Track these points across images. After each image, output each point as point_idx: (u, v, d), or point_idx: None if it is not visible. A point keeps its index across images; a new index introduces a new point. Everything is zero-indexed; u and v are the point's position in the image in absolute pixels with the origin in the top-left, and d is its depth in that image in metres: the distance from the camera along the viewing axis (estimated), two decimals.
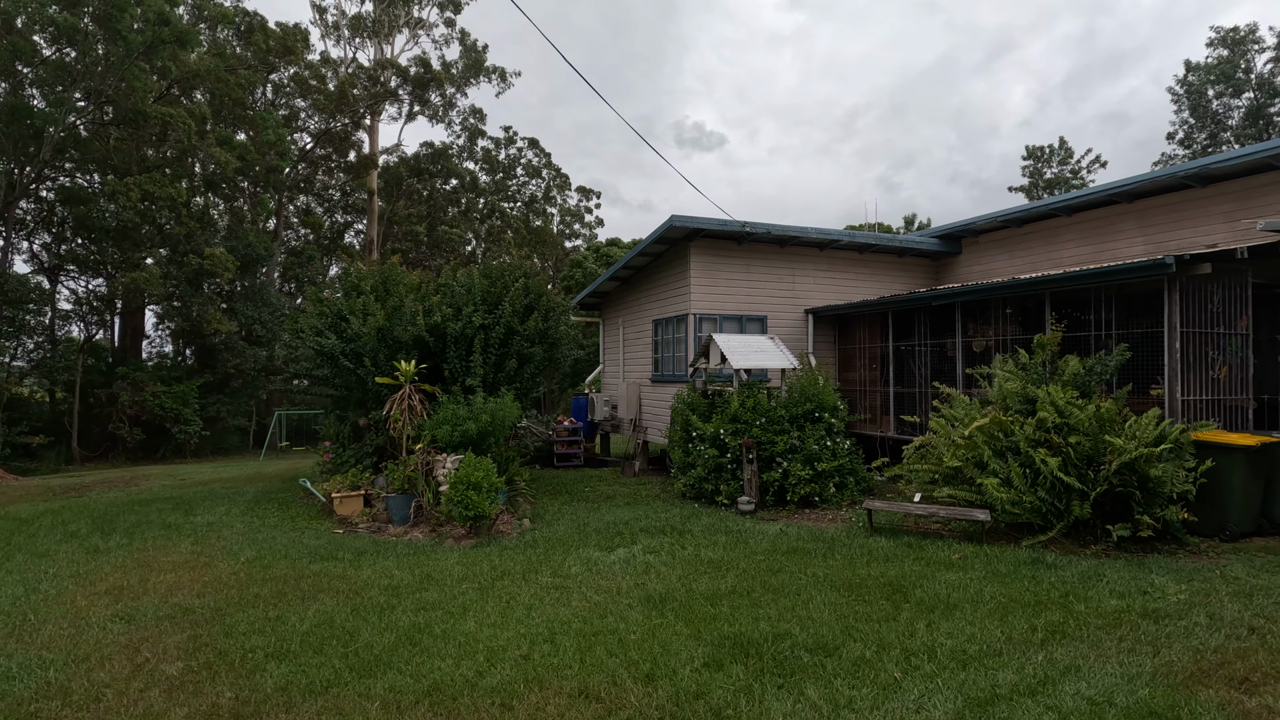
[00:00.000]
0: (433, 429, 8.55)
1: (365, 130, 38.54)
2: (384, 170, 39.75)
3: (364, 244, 40.63)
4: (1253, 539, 7.14)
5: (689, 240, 11.95)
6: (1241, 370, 8.15)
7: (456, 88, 40.73)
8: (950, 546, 7.03)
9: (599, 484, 11.98)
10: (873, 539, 7.35)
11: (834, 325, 13.08)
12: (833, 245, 12.87)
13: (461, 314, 9.22)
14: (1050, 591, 5.50)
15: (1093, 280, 8.17)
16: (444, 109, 41.10)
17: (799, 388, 9.63)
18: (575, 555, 6.88)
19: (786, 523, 8.34)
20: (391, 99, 35.64)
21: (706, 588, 5.69)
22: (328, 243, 41.34)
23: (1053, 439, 6.95)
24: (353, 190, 39.43)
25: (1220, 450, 6.98)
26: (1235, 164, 8.83)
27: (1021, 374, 7.81)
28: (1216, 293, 7.98)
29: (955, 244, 13.52)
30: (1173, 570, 6.06)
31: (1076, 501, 6.81)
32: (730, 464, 9.31)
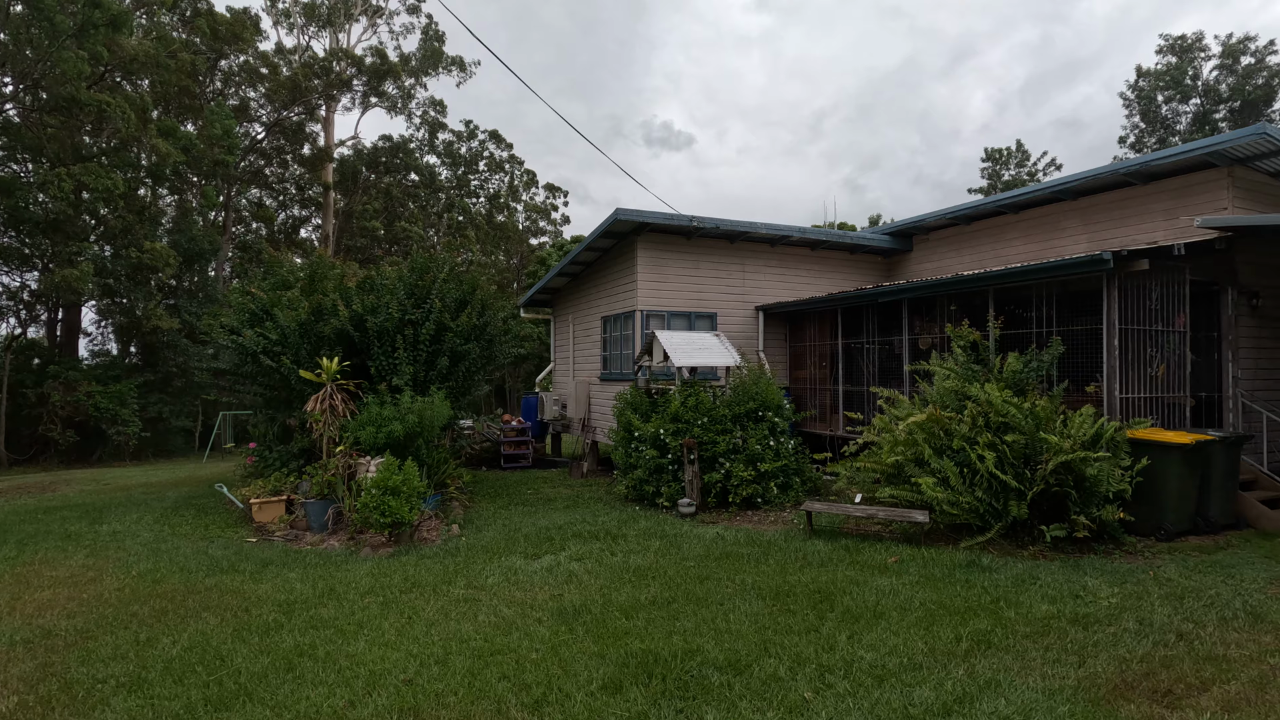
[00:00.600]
0: (355, 430, 8.07)
1: (320, 122, 37.50)
2: (341, 163, 38.67)
3: (320, 239, 39.53)
4: (1188, 538, 7.08)
5: (636, 234, 11.63)
6: (1179, 368, 8.12)
7: (415, 78, 39.84)
8: (889, 549, 6.83)
9: (543, 486, 11.59)
10: (810, 542, 7.11)
11: (785, 323, 12.89)
12: (784, 241, 12.66)
13: (383, 308, 8.74)
14: (982, 597, 5.30)
15: (1034, 276, 8.06)
16: (403, 100, 40.17)
17: (743, 386, 9.38)
18: (497, 564, 6.50)
19: (726, 526, 8.07)
20: (346, 90, 34.64)
21: (626, 598, 5.36)
22: (282, 237, 40.09)
23: (989, 437, 6.79)
24: (309, 184, 38.32)
25: (1156, 449, 6.89)
26: (1175, 160, 8.82)
27: (959, 371, 7.65)
28: (1155, 290, 7.92)
29: (907, 241, 13.43)
30: (1107, 572, 5.92)
31: (1014, 501, 6.66)
32: (671, 465, 9.01)
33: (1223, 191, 8.77)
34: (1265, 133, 7.91)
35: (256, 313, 9.41)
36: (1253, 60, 32.55)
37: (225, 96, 33.18)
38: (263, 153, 36.76)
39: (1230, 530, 7.38)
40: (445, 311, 9.21)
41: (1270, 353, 8.90)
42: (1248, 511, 7.55)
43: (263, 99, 33.86)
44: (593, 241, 12.25)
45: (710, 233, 11.88)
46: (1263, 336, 8.84)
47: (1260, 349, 8.80)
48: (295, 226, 41.30)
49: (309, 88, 32.47)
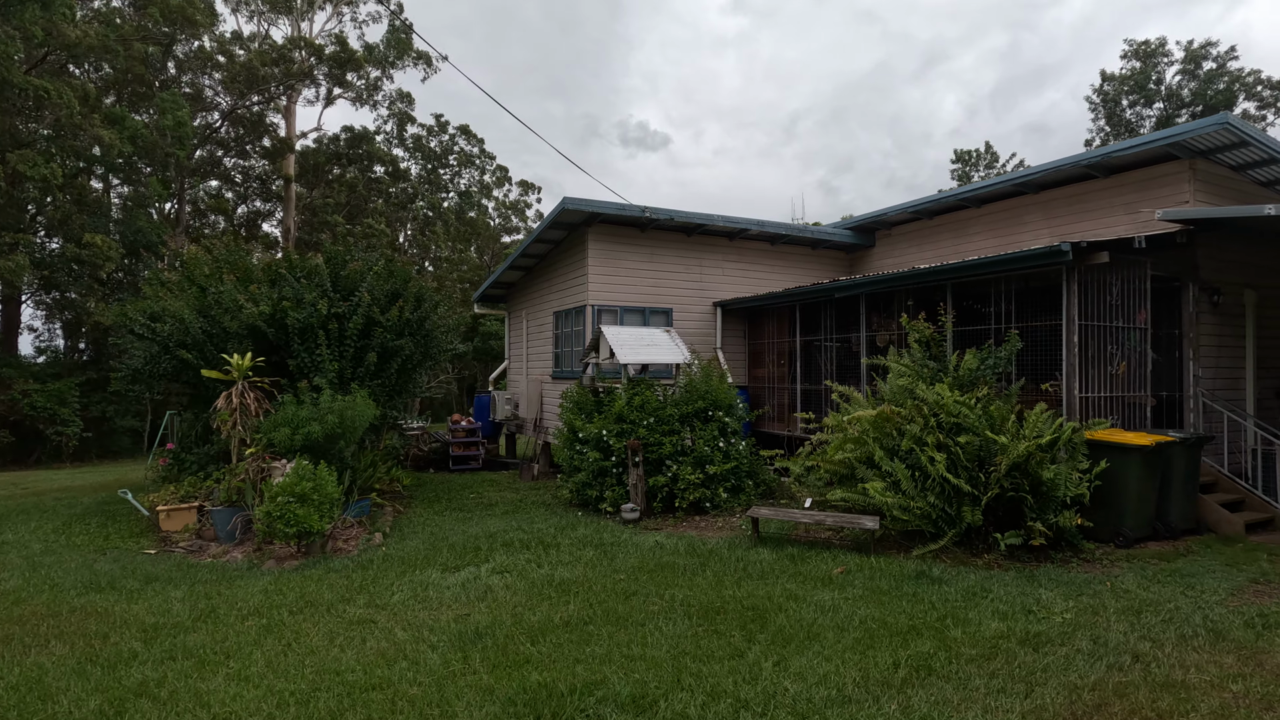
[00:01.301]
0: (269, 432, 7.43)
1: (281, 113, 36.32)
2: (303, 156, 37.50)
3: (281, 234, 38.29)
4: (1148, 544, 6.76)
5: (587, 226, 11.10)
6: (1140, 366, 7.82)
7: (382, 70, 38.82)
8: (836, 558, 6.39)
9: (489, 489, 11.01)
10: (755, 551, 6.65)
11: (744, 320, 12.45)
12: (743, 235, 12.23)
13: (304, 301, 8.08)
14: (928, 613, 4.87)
15: (992, 270, 7.70)
16: (368, 92, 39.11)
17: (692, 385, 8.90)
18: (410, 578, 5.93)
19: (670, 533, 7.58)
20: (307, 80, 33.55)
21: (539, 619, 4.84)
22: (243, 231, 38.79)
23: (940, 438, 6.39)
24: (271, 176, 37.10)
25: (1115, 451, 6.55)
26: (1137, 152, 8.53)
27: (913, 368, 7.25)
28: (1115, 284, 7.61)
29: (869, 236, 13.08)
30: (1063, 583, 5.54)
31: (968, 507, 6.26)
32: (615, 468, 8.50)
33: (1184, 185, 8.50)
34: (1227, 123, 7.64)
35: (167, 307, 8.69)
36: (1214, 65, 33.02)
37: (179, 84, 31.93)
38: (221, 143, 35.52)
39: (1190, 535, 7.09)
40: (375, 305, 8.58)
41: (1231, 351, 8.67)
42: (1208, 515, 7.26)
43: (219, 87, 32.65)
44: (543, 233, 11.70)
45: (665, 225, 11.40)
46: (1224, 334, 8.59)
47: (1221, 347, 8.55)
48: (255, 220, 40.04)
49: (266, 75, 31.36)
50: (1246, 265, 8.83)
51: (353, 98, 39.14)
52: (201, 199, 36.72)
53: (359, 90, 38.63)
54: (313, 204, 37.61)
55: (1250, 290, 8.80)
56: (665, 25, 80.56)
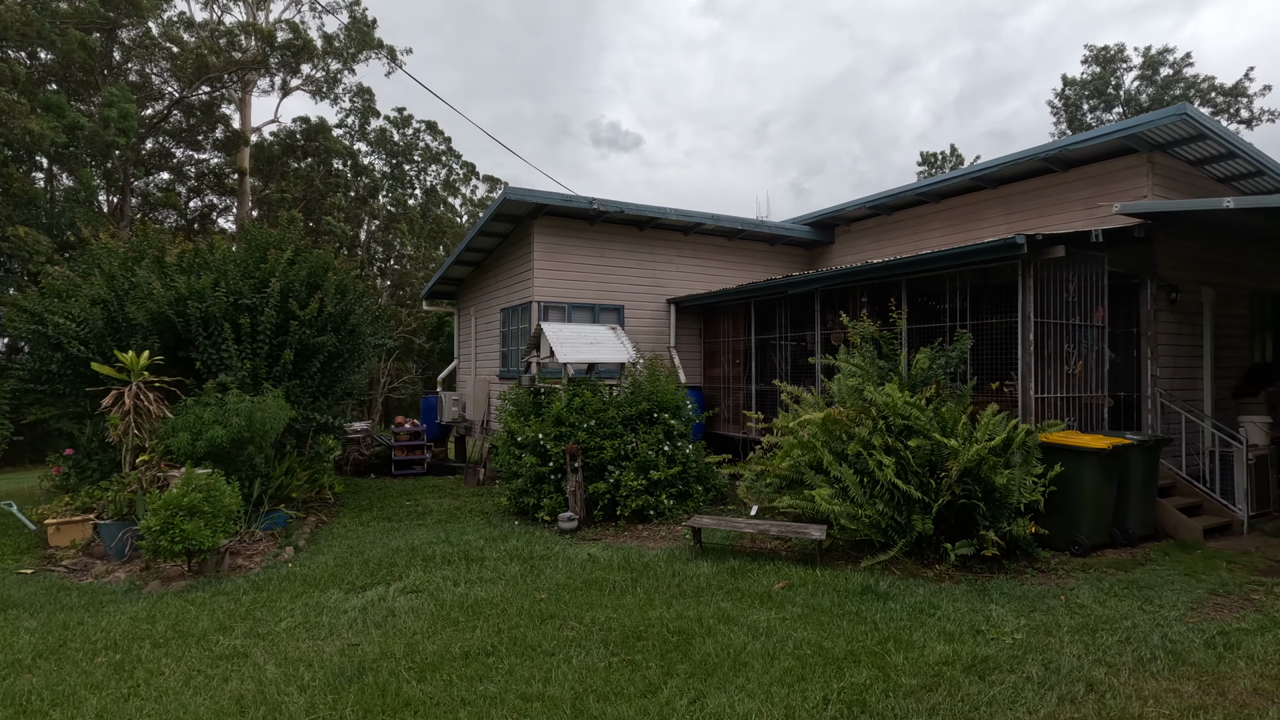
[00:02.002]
0: (167, 436, 6.75)
1: (235, 103, 35.02)
2: (260, 148, 36.21)
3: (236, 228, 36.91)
4: (1105, 552, 6.45)
5: (533, 218, 10.55)
6: (1097, 365, 7.54)
7: (343, 63, 37.69)
8: (780, 571, 5.95)
9: (428, 496, 10.39)
10: (694, 564, 6.18)
11: (699, 317, 12.01)
12: (697, 229, 11.79)
13: (206, 292, 7.39)
14: (870, 636, 4.43)
15: (946, 264, 7.34)
16: (328, 85, 37.93)
17: (638, 385, 8.41)
18: (307, 600, 5.33)
19: (608, 544, 7.08)
20: (259, 69, 32.33)
21: (437, 649, 4.29)
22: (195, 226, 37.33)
23: (889, 440, 5.99)
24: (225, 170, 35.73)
25: (1071, 454, 6.22)
26: (1095, 145, 8.27)
27: (863, 368, 6.85)
28: (1072, 280, 7.31)
29: (828, 232, 12.74)
30: (1015, 597, 5.17)
31: (918, 515, 5.87)
32: (553, 474, 7.97)
33: (1143, 179, 8.27)
34: (1185, 114, 7.39)
35: (59, 298, 7.94)
36: (1170, 71, 33.66)
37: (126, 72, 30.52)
38: (172, 134, 34.10)
39: (1149, 542, 6.80)
40: (292, 298, 7.92)
41: (1189, 350, 8.46)
42: (1166, 521, 6.99)
43: (166, 75, 31.29)
44: (488, 226, 11.12)
45: (616, 218, 10.90)
46: (1181, 333, 8.38)
47: (1179, 346, 8.33)
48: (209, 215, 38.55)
49: (216, 64, 30.12)
50: (1204, 262, 8.64)
51: (312, 91, 37.93)
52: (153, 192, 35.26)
53: (318, 83, 37.48)
54: (268, 198, 36.35)
55: (1208, 288, 8.60)
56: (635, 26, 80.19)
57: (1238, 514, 7.23)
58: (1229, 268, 8.97)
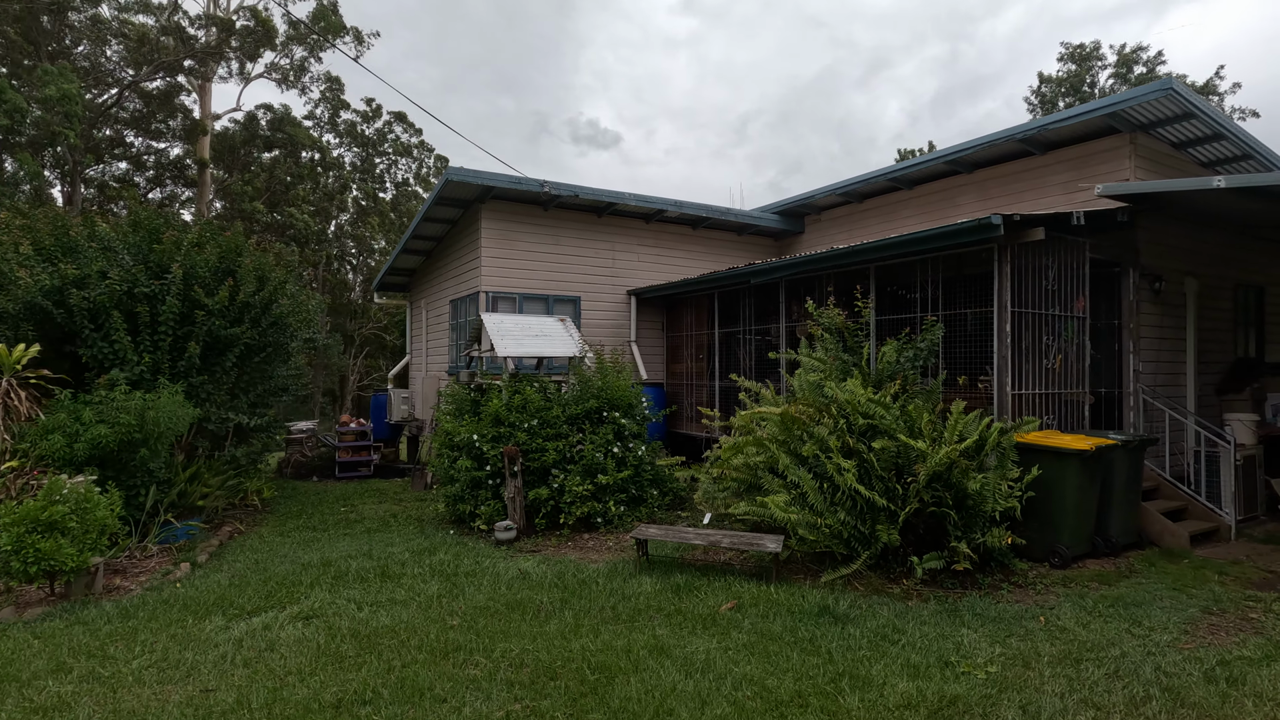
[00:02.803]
0: (37, 438, 5.95)
1: (196, 90, 33.69)
2: (222, 138, 34.87)
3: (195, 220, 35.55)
4: (1086, 562, 5.90)
5: (480, 202, 9.82)
6: (1078, 359, 7.01)
7: (309, 50, 36.46)
8: (731, 587, 5.32)
9: (367, 501, 9.63)
10: (636, 580, 5.52)
11: (662, 310, 11.36)
12: (659, 217, 11.13)
13: (92, 279, 6.56)
14: (823, 670, 3.81)
15: (917, 249, 6.76)
16: (295, 73, 36.68)
17: (586, 381, 7.74)
18: (178, 631, 4.59)
19: (547, 556, 6.40)
20: (218, 57, 31.06)
21: (306, 695, 3.59)
22: None
23: (850, 441, 5.38)
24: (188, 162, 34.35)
25: (1050, 456, 5.66)
26: (1075, 124, 7.75)
27: (826, 362, 6.24)
28: (1052, 267, 6.76)
29: (798, 222, 12.16)
30: (990, 619, 4.58)
31: (883, 525, 5.27)
32: (490, 479, 7.27)
33: (1125, 161, 7.76)
34: (1172, 89, 6.88)
35: None
36: (1144, 69, 33.64)
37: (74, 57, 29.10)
38: (129, 121, 32.69)
39: (1132, 550, 6.28)
40: (198, 285, 7.11)
41: (1173, 343, 7.97)
42: (1150, 527, 6.48)
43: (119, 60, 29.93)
44: (434, 211, 10.37)
45: (570, 203, 10.21)
46: (1165, 325, 7.89)
47: (1163, 339, 7.85)
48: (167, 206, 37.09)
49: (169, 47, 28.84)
50: (1188, 251, 8.17)
51: (278, 79, 36.69)
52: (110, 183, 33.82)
53: (284, 70, 36.24)
54: (230, 189, 35.04)
55: (1192, 278, 8.13)
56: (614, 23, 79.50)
57: (1225, 519, 6.74)
58: (1213, 258, 8.52)
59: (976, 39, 59.91)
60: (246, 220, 32.69)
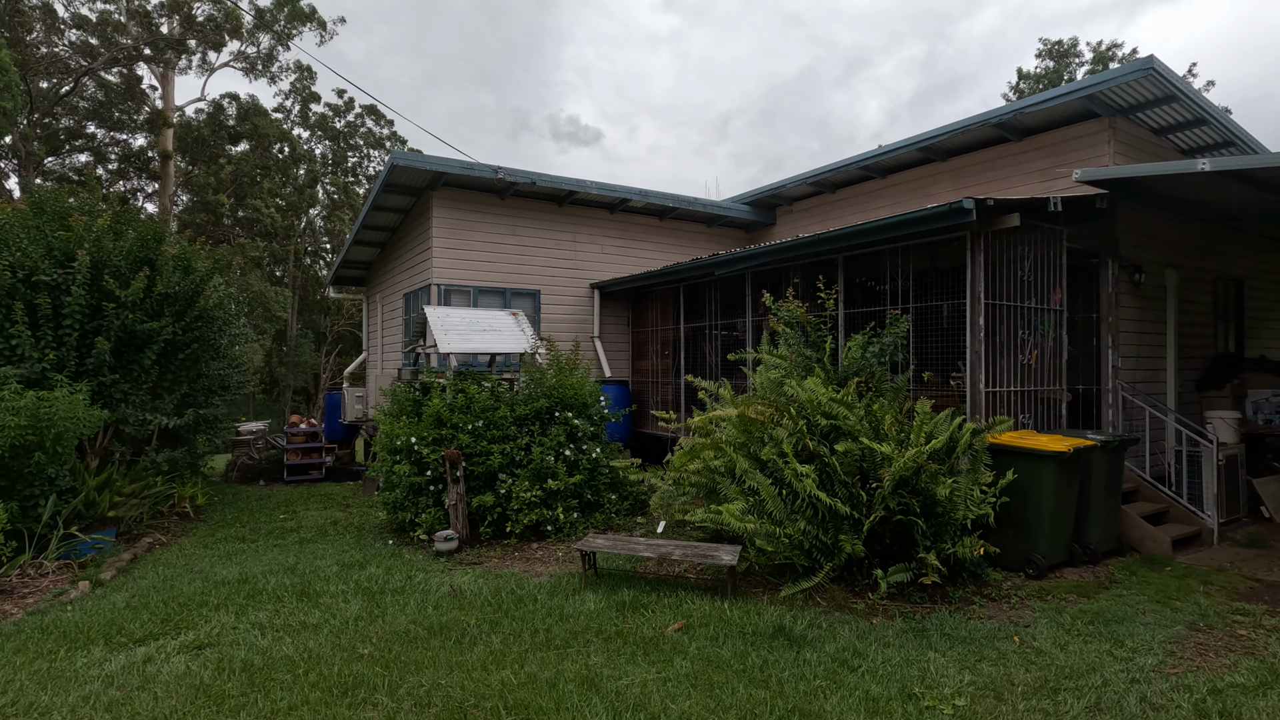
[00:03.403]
0: None
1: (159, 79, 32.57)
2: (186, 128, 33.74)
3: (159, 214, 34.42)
4: (1063, 572, 5.52)
5: (432, 189, 9.26)
6: (1055, 355, 6.64)
7: (276, 38, 35.42)
8: (682, 604, 4.86)
9: (312, 507, 9.07)
10: (580, 597, 5.05)
11: (627, 304, 10.88)
12: (624, 207, 10.64)
13: None
14: (772, 706, 3.36)
15: (887, 237, 6.33)
16: (263, 62, 35.63)
17: (538, 379, 7.24)
18: (46, 665, 4.04)
19: (489, 569, 5.90)
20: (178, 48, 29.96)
21: None
22: None
23: (813, 445, 4.94)
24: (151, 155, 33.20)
25: (1026, 458, 5.26)
26: (1052, 107, 7.39)
27: (789, 359, 5.81)
28: (1028, 257, 6.37)
29: (769, 213, 11.74)
30: (959, 639, 4.16)
31: (846, 535, 4.84)
32: (432, 484, 6.75)
33: (1104, 146, 7.41)
34: (1152, 69, 6.52)
35: None
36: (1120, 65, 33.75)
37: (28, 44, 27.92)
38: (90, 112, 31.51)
39: (1112, 557, 5.92)
40: (110, 274, 6.50)
41: (1153, 338, 7.65)
42: (1130, 532, 6.12)
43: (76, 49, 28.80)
44: (383, 200, 9.79)
45: (529, 192, 9.69)
46: (1144, 319, 7.56)
47: (1142, 333, 7.51)
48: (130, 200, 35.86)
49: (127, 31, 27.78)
50: (1168, 242, 7.84)
51: (245, 68, 35.66)
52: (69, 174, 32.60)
53: (251, 59, 35.21)
54: (194, 182, 33.96)
55: (1172, 270, 7.81)
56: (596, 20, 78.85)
57: (1207, 522, 6.41)
58: (1194, 249, 8.21)
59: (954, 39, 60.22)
60: (211, 214, 31.71)
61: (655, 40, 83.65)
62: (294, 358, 37.14)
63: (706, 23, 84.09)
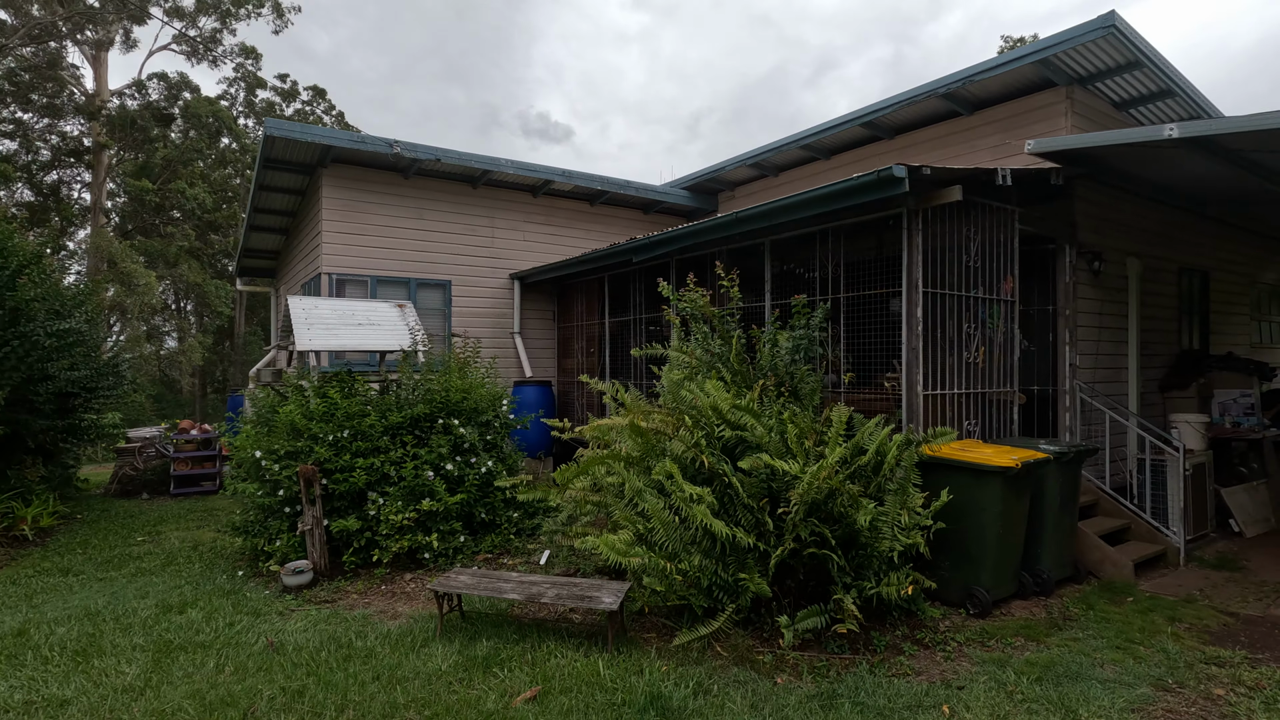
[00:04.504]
0: None
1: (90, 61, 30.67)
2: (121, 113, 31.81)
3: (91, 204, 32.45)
4: (1011, 606, 4.72)
5: (322, 167, 8.19)
6: (1005, 352, 5.85)
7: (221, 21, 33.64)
8: (549, 660, 3.94)
9: (183, 527, 7.95)
10: (426, 650, 4.10)
11: (552, 297, 9.92)
12: (548, 190, 9.67)
13: None
14: None
15: (813, 214, 5.46)
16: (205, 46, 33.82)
17: (419, 381, 6.26)
18: None
19: (340, 610, 4.91)
20: (94, 23, 28.11)
21: None
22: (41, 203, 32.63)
23: (711, 461, 4.05)
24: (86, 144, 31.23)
25: (967, 474, 4.44)
26: (1004, 74, 6.61)
27: (701, 357, 4.91)
28: (975, 239, 5.56)
29: (711, 199, 10.87)
30: (875, 711, 3.30)
31: (746, 573, 3.96)
32: (285, 506, 5.73)
33: (1061, 119, 6.65)
34: (1114, 27, 5.75)
35: None
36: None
37: None
38: (12, 94, 29.48)
39: (1068, 585, 5.14)
40: None
41: (1113, 333, 6.92)
42: (1088, 555, 5.35)
43: None
44: (270, 179, 8.70)
45: (436, 170, 8.67)
46: (1105, 313, 6.83)
47: (1102, 328, 6.78)
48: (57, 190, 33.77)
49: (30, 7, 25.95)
50: (1131, 228, 7.13)
51: (187, 51, 33.87)
52: None
53: (193, 42, 33.42)
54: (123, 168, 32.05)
55: (1134, 259, 7.10)
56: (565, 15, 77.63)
57: (1172, 540, 5.68)
58: (1158, 237, 7.52)
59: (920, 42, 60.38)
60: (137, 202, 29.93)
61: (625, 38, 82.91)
62: (243, 357, 35.41)
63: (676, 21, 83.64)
